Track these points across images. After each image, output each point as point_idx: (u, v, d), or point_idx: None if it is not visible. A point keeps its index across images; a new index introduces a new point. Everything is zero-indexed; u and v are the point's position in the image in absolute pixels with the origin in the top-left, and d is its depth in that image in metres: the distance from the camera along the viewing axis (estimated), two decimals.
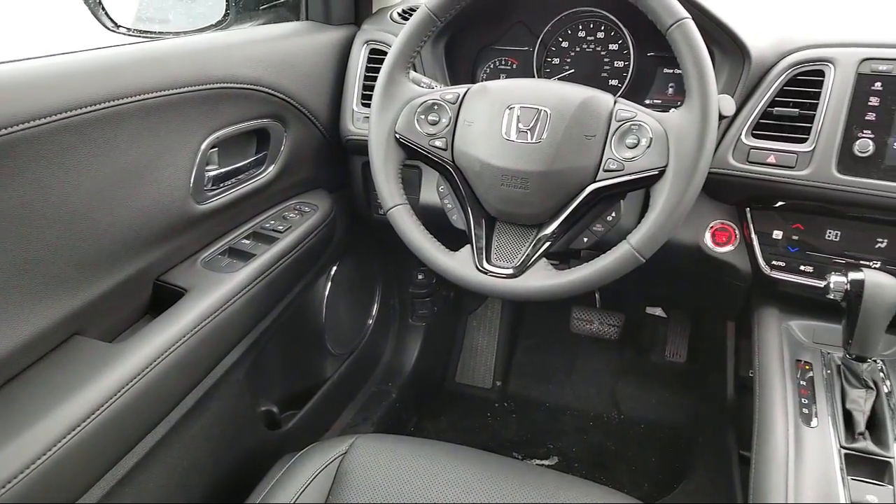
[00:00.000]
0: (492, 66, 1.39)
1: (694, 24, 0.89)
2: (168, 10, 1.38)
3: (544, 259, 0.98)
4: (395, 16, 1.40)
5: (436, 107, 1.03)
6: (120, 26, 1.20)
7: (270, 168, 1.23)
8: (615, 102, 0.97)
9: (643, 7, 0.92)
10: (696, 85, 0.89)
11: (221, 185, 1.13)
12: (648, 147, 0.91)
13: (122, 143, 0.90)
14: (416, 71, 1.28)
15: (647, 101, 1.28)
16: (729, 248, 1.15)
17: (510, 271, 0.97)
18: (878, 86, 1.01)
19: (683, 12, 0.89)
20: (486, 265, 0.99)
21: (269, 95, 1.19)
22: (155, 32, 1.27)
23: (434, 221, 1.12)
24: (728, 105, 0.96)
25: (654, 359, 1.92)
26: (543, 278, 0.95)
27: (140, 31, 1.23)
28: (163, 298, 1.03)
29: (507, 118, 0.97)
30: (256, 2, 1.39)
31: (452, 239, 1.05)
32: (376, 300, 1.73)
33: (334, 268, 1.51)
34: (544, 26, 1.32)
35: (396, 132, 1.04)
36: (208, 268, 1.09)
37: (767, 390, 0.95)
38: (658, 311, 1.96)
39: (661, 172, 0.90)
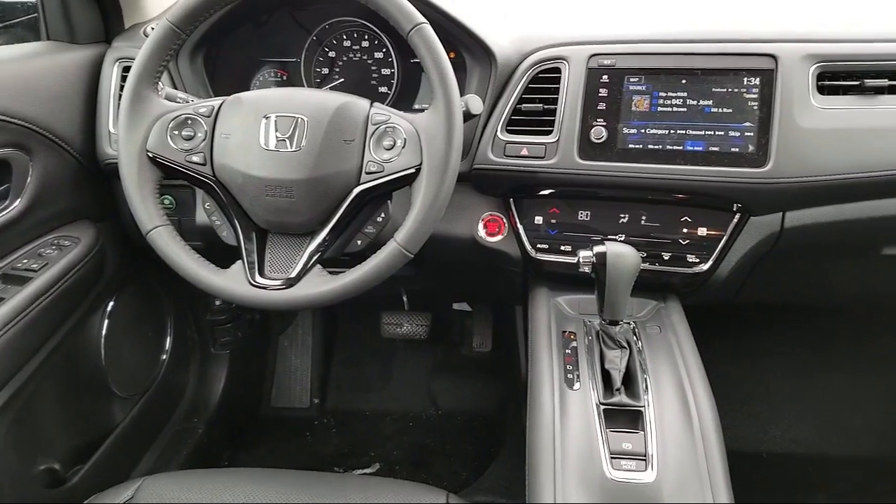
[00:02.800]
0: (261, 79, 1.37)
1: (431, 28, 0.95)
2: None
3: (319, 266, 0.98)
4: (150, 31, 1.33)
5: (189, 121, 1.00)
6: None
7: (16, 203, 1.12)
8: (371, 106, 1.00)
9: (384, 14, 0.96)
10: (438, 86, 0.94)
11: None
12: (404, 147, 0.95)
13: None
14: (175, 87, 1.24)
15: (417, 106, 1.34)
16: (500, 237, 1.23)
17: (284, 282, 0.96)
18: (605, 78, 1.13)
19: (420, 18, 0.94)
20: (258, 279, 0.97)
21: (5, 123, 1.08)
22: None
23: (213, 241, 1.08)
24: (476, 104, 1.03)
25: (464, 352, 2.00)
26: (318, 285, 0.96)
27: None
28: None
29: (264, 128, 0.97)
30: None
31: (235, 257, 1.02)
32: (169, 333, 1.63)
33: (110, 303, 1.40)
34: (308, 37, 1.33)
35: (148, 150, 0.99)
36: None
37: (537, 362, 1.03)
38: (464, 306, 2.05)
39: (418, 170, 0.95)
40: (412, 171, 0.95)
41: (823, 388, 1.85)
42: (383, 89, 1.34)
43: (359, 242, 1.03)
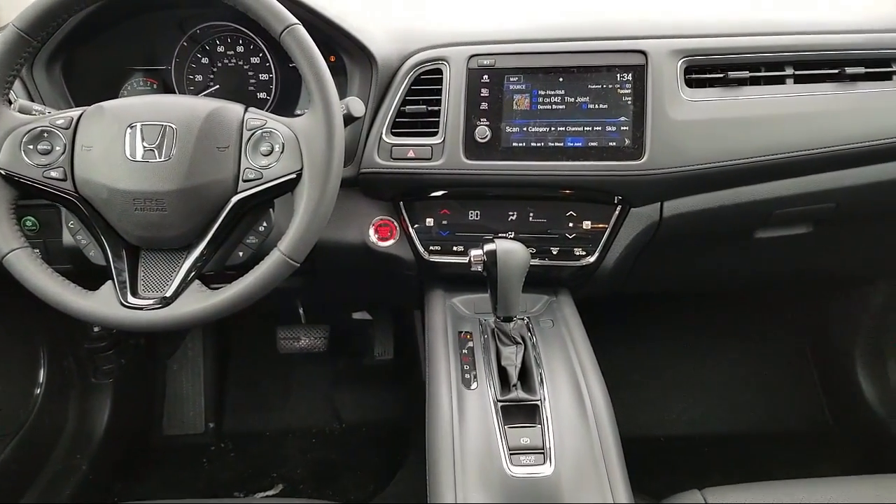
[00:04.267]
0: (130, 89, 1.29)
1: (304, 29, 0.92)
2: None
3: (198, 282, 0.93)
4: None
5: (46, 134, 0.92)
6: None
7: None
8: (245, 111, 0.95)
9: (253, 16, 0.92)
10: (315, 88, 0.91)
11: None
12: (282, 153, 0.92)
13: None
14: (31, 99, 1.14)
15: (299, 112, 1.30)
16: (392, 241, 1.21)
17: (160, 301, 0.90)
18: (486, 78, 1.14)
19: (292, 19, 0.91)
20: (131, 299, 0.91)
21: None
22: None
23: (83, 263, 1.00)
24: (357, 106, 1.01)
25: (366, 361, 1.97)
26: (197, 302, 0.90)
27: None
28: None
29: (129, 138, 0.91)
30: None
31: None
32: (42, 365, 1.50)
33: None
34: (178, 43, 1.26)
35: (0, 168, 0.91)
36: None
37: (434, 364, 1.01)
38: (364, 315, 2.01)
39: (299, 176, 0.91)
40: (293, 176, 0.91)
41: (711, 369, 1.95)
42: (262, 95, 1.29)
43: (241, 254, 0.99)
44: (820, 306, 1.90)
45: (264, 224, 1.00)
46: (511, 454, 0.87)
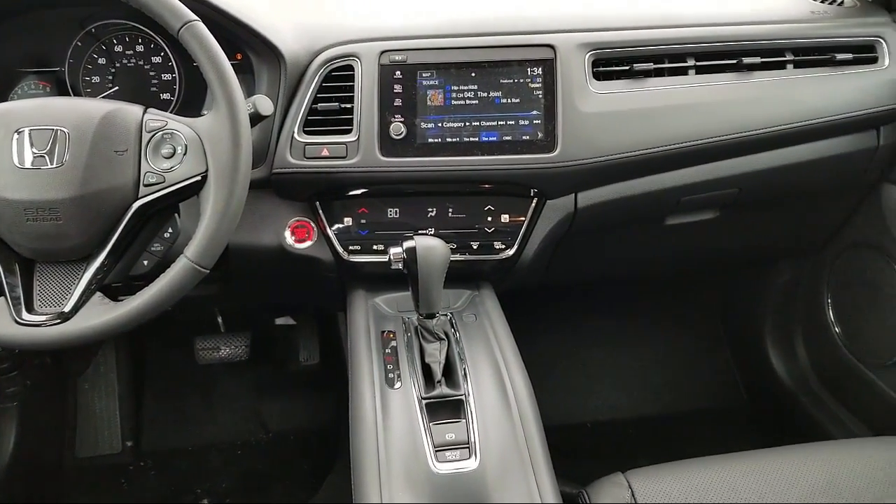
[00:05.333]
0: (20, 93, 1.21)
1: (203, 25, 0.89)
2: None
3: (99, 294, 0.88)
4: None
5: None
6: None
7: None
8: (144, 113, 0.91)
9: (149, 13, 0.89)
10: (217, 86, 0.88)
11: None
12: (185, 154, 0.88)
13: None
14: None
15: (206, 112, 1.25)
16: (309, 243, 1.18)
17: (58, 317, 0.85)
18: (398, 74, 1.13)
19: (190, 15, 0.88)
20: (26, 316, 0.85)
21: None
22: None
23: None
24: (265, 105, 0.98)
25: (292, 367, 1.92)
26: (99, 315, 0.86)
27: None
28: None
29: (16, 144, 0.85)
30: None
31: None
32: None
33: None
34: (71, 43, 1.19)
35: None
36: None
37: (357, 366, 1.00)
38: (287, 320, 1.96)
39: (204, 178, 0.88)
40: (197, 179, 0.88)
41: (632, 354, 2.01)
42: (166, 96, 1.23)
43: (145, 263, 0.94)
44: (730, 288, 1.99)
45: (170, 230, 0.95)
46: (436, 451, 0.87)
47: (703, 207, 1.33)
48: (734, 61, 1.19)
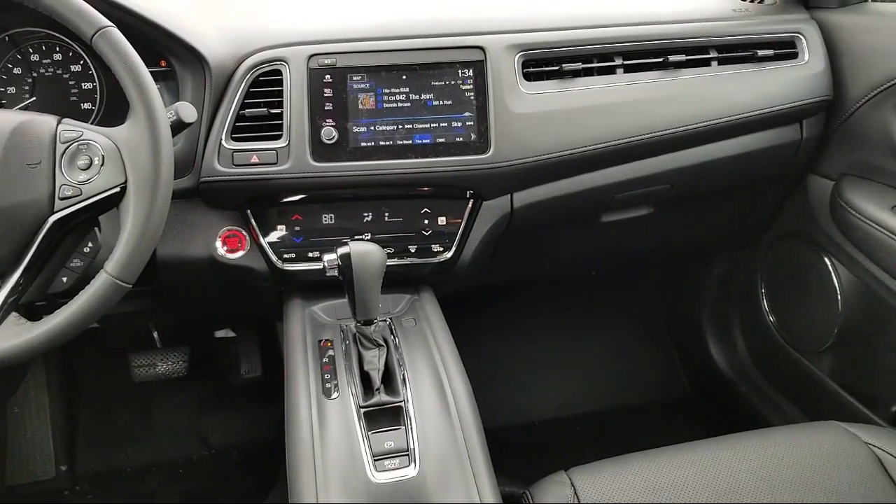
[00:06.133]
0: None
1: (117, 31, 0.86)
2: None
3: (15, 314, 0.84)
4: None
5: None
6: None
7: None
8: (58, 123, 0.87)
9: (60, 19, 0.85)
10: (135, 94, 0.85)
11: None
12: (103, 165, 0.85)
13: None
14: None
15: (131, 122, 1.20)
16: (242, 252, 1.15)
17: None
18: (328, 78, 1.11)
19: (103, 21, 0.85)
20: None
21: None
22: None
23: None
24: (188, 112, 0.95)
25: (233, 380, 1.87)
26: (14, 336, 0.81)
27: None
28: None
29: None
30: None
31: None
32: None
33: None
34: None
35: None
36: None
37: (292, 379, 0.98)
38: (227, 332, 1.91)
39: (123, 189, 0.85)
40: (116, 190, 0.84)
41: (578, 350, 2.04)
42: (87, 105, 1.18)
43: (65, 280, 0.90)
44: (669, 281, 2.03)
45: (90, 245, 0.91)
46: (375, 460, 0.86)
47: (637, 204, 1.35)
48: (660, 60, 1.22)
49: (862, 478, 0.96)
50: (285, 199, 1.13)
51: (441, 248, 1.18)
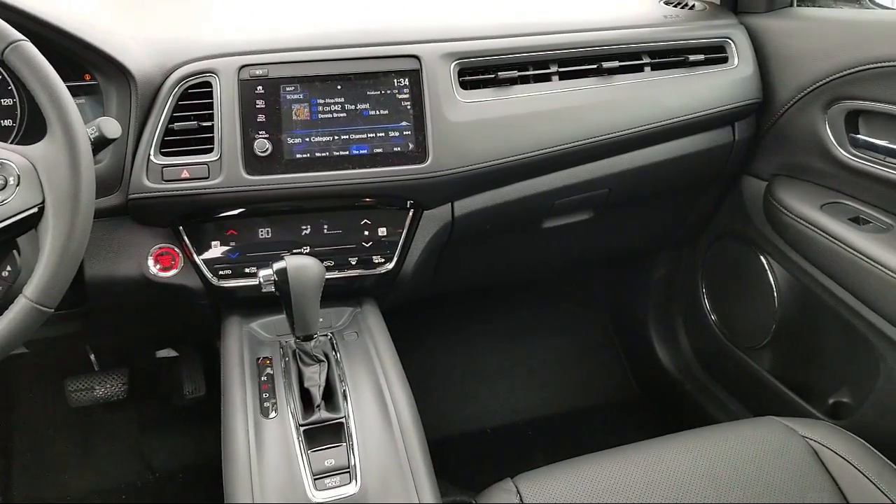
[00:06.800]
0: None
1: (31, 45, 0.82)
2: None
3: None
4: None
5: None
6: None
7: None
8: None
9: None
10: (50, 110, 0.82)
11: None
12: (18, 185, 0.81)
13: None
14: None
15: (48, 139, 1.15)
16: (175, 270, 1.12)
17: None
18: (260, 89, 1.09)
19: (15, 35, 0.82)
20: None
21: None
22: None
23: None
24: (111, 127, 0.91)
25: (177, 401, 1.81)
26: None
27: None
28: None
29: None
30: None
31: None
32: None
33: None
34: None
35: None
36: None
37: (229, 398, 0.95)
38: (169, 352, 1.85)
39: (41, 210, 0.81)
40: (33, 211, 0.81)
41: (527, 354, 2.04)
42: (7, 122, 1.13)
43: None
44: (615, 284, 2.06)
45: (8, 268, 0.87)
46: (316, 479, 0.84)
47: (578, 209, 1.36)
48: (595, 66, 1.23)
49: (799, 471, 0.98)
50: (219, 215, 1.11)
51: (382, 260, 1.17)
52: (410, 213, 1.17)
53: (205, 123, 1.07)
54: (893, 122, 1.16)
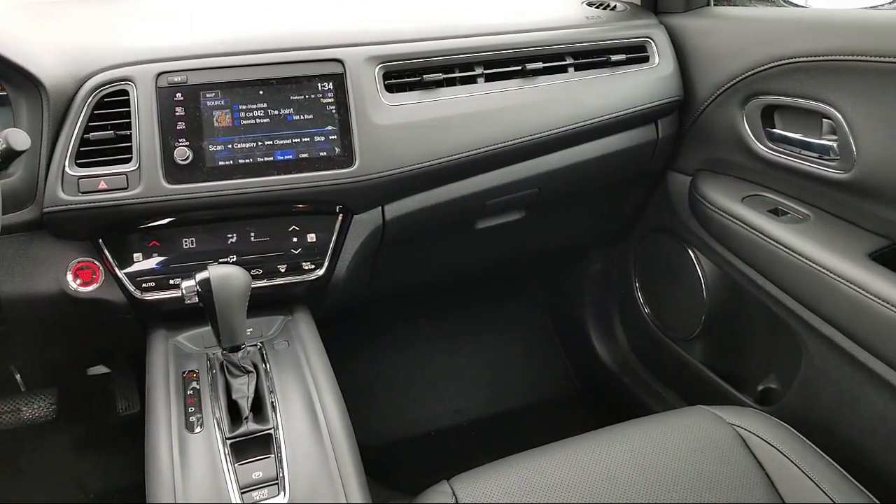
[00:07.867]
0: None
1: None
2: None
3: None
4: None
5: None
6: None
7: None
8: None
9: None
10: None
11: None
12: None
13: None
14: None
15: None
16: (96, 285, 1.08)
17: None
18: (179, 97, 1.06)
19: None
20: None
21: None
22: None
23: None
24: (19, 139, 0.88)
25: (110, 419, 1.75)
26: None
27: None
28: None
29: None
30: None
31: None
32: None
33: None
34: None
35: None
36: None
37: (152, 415, 0.92)
38: (101, 368, 1.79)
39: None
40: None
41: (470, 355, 2.05)
42: None
43: None
44: (553, 281, 2.09)
45: None
46: (243, 492, 0.82)
47: (509, 209, 1.38)
48: (519, 68, 1.24)
49: (727, 458, 1.01)
50: (140, 226, 1.08)
51: (312, 266, 1.15)
52: (340, 218, 1.16)
53: (122, 132, 1.04)
54: (806, 116, 1.21)
